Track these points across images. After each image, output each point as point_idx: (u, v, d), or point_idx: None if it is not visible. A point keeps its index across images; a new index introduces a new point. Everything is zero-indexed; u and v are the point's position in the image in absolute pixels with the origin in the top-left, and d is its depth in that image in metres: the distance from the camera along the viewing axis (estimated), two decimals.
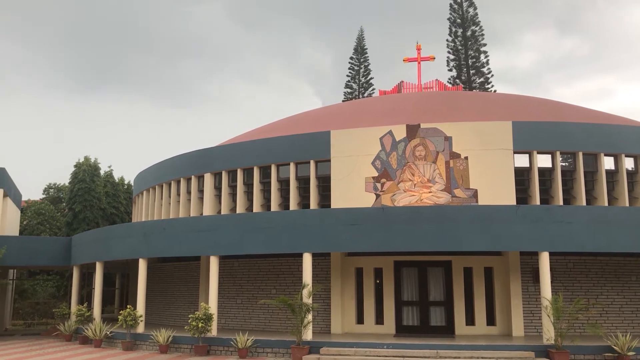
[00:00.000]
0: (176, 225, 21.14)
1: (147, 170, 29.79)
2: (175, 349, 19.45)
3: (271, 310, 21.25)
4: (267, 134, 26.23)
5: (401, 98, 29.03)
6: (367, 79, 55.92)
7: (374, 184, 20.65)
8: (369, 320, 20.25)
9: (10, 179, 29.86)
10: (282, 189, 22.86)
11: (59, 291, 36.89)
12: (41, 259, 27.48)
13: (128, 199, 39.42)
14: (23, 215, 38.19)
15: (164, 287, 25.97)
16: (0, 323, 29.42)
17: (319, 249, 18.34)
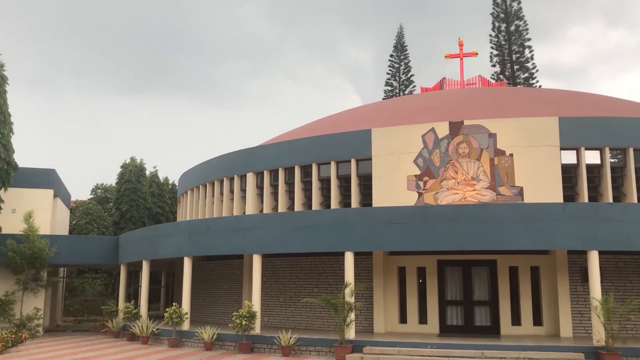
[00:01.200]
0: (220, 224, 21.42)
1: (191, 170, 30.30)
2: (219, 346, 19.71)
3: (313, 309, 21.30)
4: (308, 133, 26.30)
5: (443, 95, 28.68)
6: (408, 76, 55.47)
7: (416, 182, 20.46)
8: (412, 320, 20.07)
9: (60, 180, 30.80)
10: (323, 187, 22.89)
11: (107, 289, 37.88)
12: (90, 257, 28.28)
13: (173, 198, 40.17)
14: (72, 215, 39.35)
15: (208, 285, 26.35)
16: (53, 319, 30.40)
17: (360, 248, 18.28)
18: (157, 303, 35.11)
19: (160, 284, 35.69)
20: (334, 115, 31.54)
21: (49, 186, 28.20)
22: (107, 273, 37.97)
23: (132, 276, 31.25)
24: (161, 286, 35.68)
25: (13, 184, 24.60)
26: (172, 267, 31.43)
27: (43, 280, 25.89)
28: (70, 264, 30.26)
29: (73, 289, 37.32)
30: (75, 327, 30.51)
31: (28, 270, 25.06)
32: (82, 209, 41.47)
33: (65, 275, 34.48)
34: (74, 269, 37.04)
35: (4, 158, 23.20)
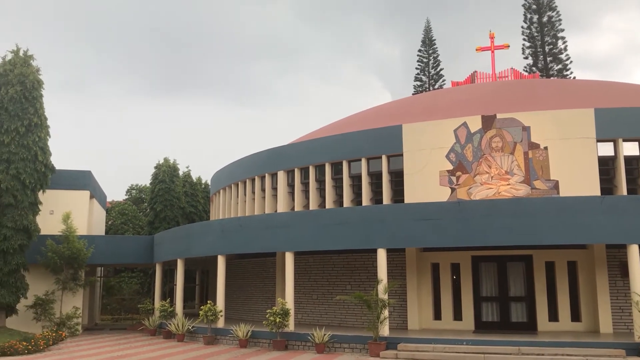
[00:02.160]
0: (252, 222, 21.57)
1: (223, 169, 30.59)
2: (254, 344, 19.84)
3: (347, 306, 21.28)
4: (338, 130, 26.27)
5: (475, 88, 28.30)
6: (437, 70, 54.91)
7: (449, 178, 20.25)
8: (447, 316, 19.89)
9: (96, 181, 31.42)
10: (354, 184, 22.84)
11: (142, 287, 38.54)
12: (126, 256, 28.80)
13: (205, 197, 40.61)
14: (108, 215, 40.13)
15: (242, 283, 26.57)
16: (91, 318, 31.05)
17: (393, 245, 18.18)
18: (192, 301, 35.58)
19: (194, 282, 36.15)
20: (363, 111, 31.43)
21: (86, 187, 28.79)
22: (142, 272, 38.63)
23: (167, 275, 31.72)
24: (196, 284, 36.14)
25: (50, 186, 25.17)
26: (206, 265, 31.80)
27: (81, 280, 26.46)
28: (107, 264, 30.86)
29: (110, 288, 38.07)
30: (112, 325, 31.13)
31: (67, 270, 25.64)
32: (117, 209, 42.26)
33: (103, 274, 35.19)
34: (111, 268, 37.78)
35: (42, 161, 23.76)
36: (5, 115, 22.78)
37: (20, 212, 22.91)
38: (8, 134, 22.68)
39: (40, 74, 24.19)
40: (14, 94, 22.79)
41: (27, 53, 23.94)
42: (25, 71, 23.36)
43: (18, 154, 22.82)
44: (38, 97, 23.83)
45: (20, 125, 22.91)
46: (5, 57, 23.60)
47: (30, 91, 23.40)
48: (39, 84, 23.94)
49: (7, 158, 22.65)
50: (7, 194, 22.42)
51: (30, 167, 23.24)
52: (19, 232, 22.87)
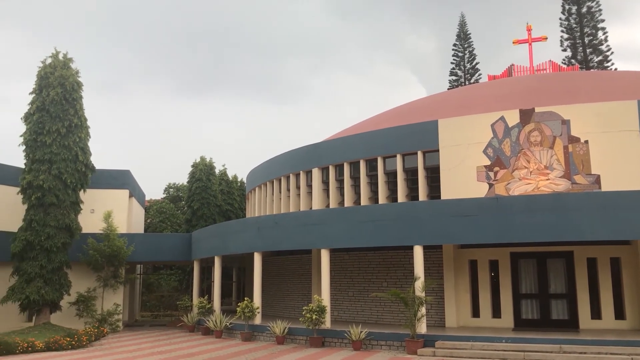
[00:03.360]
0: (287, 219, 21.65)
1: (258, 167, 30.80)
2: (291, 340, 19.93)
3: (383, 303, 21.19)
4: (372, 126, 26.15)
5: (512, 82, 27.79)
6: (473, 64, 54.14)
7: (487, 173, 19.94)
8: (485, 314, 19.60)
9: (135, 180, 32.01)
10: (389, 181, 22.70)
11: (181, 284, 39.13)
12: (165, 254, 29.28)
13: (241, 195, 40.98)
14: (146, 213, 40.87)
15: (278, 280, 26.71)
16: (131, 314, 31.68)
17: (430, 242, 18.01)
18: (229, 298, 35.95)
19: (231, 279, 36.53)
20: (398, 107, 31.21)
21: (125, 186, 29.35)
22: (180, 269, 39.22)
23: (204, 272, 32.11)
24: (232, 281, 36.51)
25: (91, 185, 25.72)
26: (243, 262, 32.09)
27: (121, 277, 27.02)
28: (146, 261, 31.42)
29: (149, 285, 38.79)
30: (152, 321, 31.70)
31: (107, 267, 26.20)
32: (155, 207, 43.00)
33: (142, 272, 35.85)
34: (150, 265, 38.47)
35: (82, 161, 24.30)
36: (47, 116, 23.37)
37: (62, 211, 23.48)
38: (50, 135, 23.26)
39: (80, 76, 24.73)
40: (55, 96, 23.35)
41: (67, 56, 24.49)
42: (65, 73, 23.91)
43: (59, 154, 23.38)
44: (78, 99, 24.37)
45: (62, 126, 23.47)
46: (46, 61, 24.18)
47: (70, 93, 23.94)
48: (78, 85, 24.47)
49: (49, 158, 23.23)
50: (49, 193, 23.00)
51: (72, 167, 23.79)
52: (61, 230, 23.46)
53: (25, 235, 22.82)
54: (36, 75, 23.91)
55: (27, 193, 23.26)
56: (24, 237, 22.81)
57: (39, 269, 22.74)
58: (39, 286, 22.63)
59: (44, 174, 23.03)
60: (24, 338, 19.39)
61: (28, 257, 22.92)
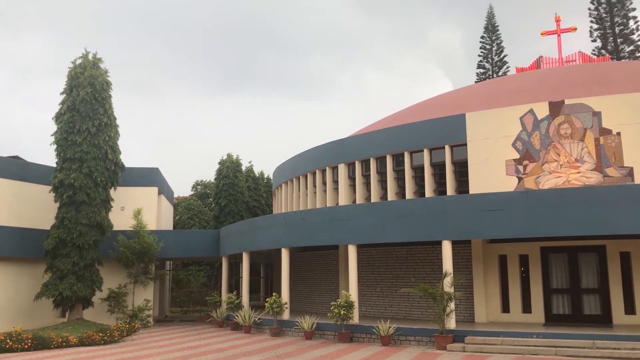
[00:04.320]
0: (314, 215, 21.69)
1: (284, 163, 30.89)
2: (319, 336, 19.99)
3: (411, 299, 21.10)
4: (398, 121, 26.00)
5: (541, 74, 27.33)
6: (501, 57, 53.35)
7: (516, 167, 19.67)
8: (515, 309, 19.37)
9: (163, 178, 32.40)
10: (416, 176, 22.56)
11: (209, 280, 39.53)
12: (193, 250, 29.61)
13: (268, 192, 41.17)
14: (175, 210, 41.35)
15: (306, 276, 26.80)
16: (161, 310, 32.12)
17: (458, 237, 17.86)
18: (257, 293, 36.20)
19: (259, 275, 36.77)
20: (425, 101, 30.97)
21: (154, 184, 29.73)
22: (209, 265, 39.60)
23: (232, 268, 32.38)
24: (260, 277, 36.75)
25: (121, 183, 26.13)
26: (270, 258, 32.26)
27: (152, 273, 27.41)
28: (175, 257, 31.80)
29: (179, 281, 39.28)
30: (182, 317, 32.10)
31: (138, 264, 26.60)
32: (184, 204, 43.48)
33: (172, 268, 36.29)
34: (179, 262, 38.92)
35: (112, 159, 24.69)
36: (77, 116, 23.79)
37: (93, 209, 23.90)
38: (80, 134, 23.68)
39: (109, 75, 25.12)
40: (85, 95, 23.75)
41: (96, 56, 24.89)
42: (95, 73, 24.31)
43: (90, 153, 23.80)
44: (107, 98, 24.76)
45: (91, 125, 23.87)
46: (76, 61, 24.61)
47: (100, 92, 24.33)
48: (107, 85, 24.86)
49: (80, 157, 23.65)
50: (80, 191, 23.43)
51: (102, 166, 24.20)
52: (92, 228, 23.89)
53: (58, 232, 23.30)
54: (67, 76, 24.37)
55: (58, 191, 23.74)
56: (57, 234, 23.29)
57: (72, 265, 23.20)
58: (72, 282, 23.09)
59: (75, 172, 23.46)
60: (58, 333, 19.83)
61: (61, 254, 23.40)
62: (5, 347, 17.93)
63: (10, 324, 22.88)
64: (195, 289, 39.06)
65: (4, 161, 25.49)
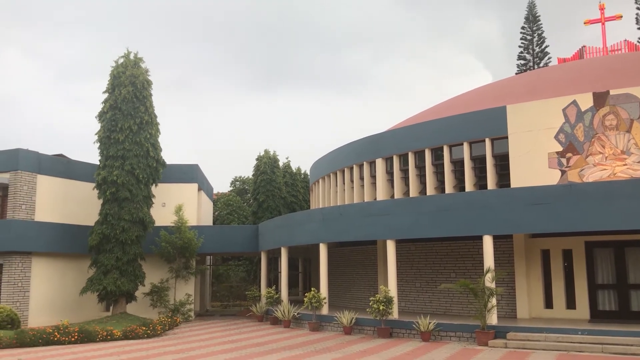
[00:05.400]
0: (352, 210, 21.64)
1: (321, 159, 30.92)
2: (358, 331, 19.96)
3: (452, 294, 20.87)
4: (437, 114, 25.70)
5: (584, 64, 26.61)
6: (542, 48, 52.13)
7: (559, 160, 19.21)
8: (559, 305, 18.95)
9: (203, 174, 32.84)
10: (456, 170, 22.27)
11: (248, 275, 39.93)
12: (233, 245, 29.94)
13: (305, 187, 41.30)
14: (214, 206, 41.87)
15: (344, 271, 26.79)
16: (202, 304, 32.61)
17: (500, 231, 17.57)
18: (295, 288, 36.39)
19: (297, 270, 36.95)
20: (464, 94, 30.52)
21: (194, 180, 30.16)
22: (248, 260, 40.00)
23: (271, 263, 32.62)
24: (299, 272, 36.92)
25: (162, 180, 26.58)
26: (308, 253, 32.38)
27: (192, 268, 27.84)
28: (215, 252, 32.21)
29: (219, 276, 39.79)
30: (222, 311, 32.52)
31: (179, 259, 27.05)
32: (223, 200, 44.01)
33: (212, 263, 36.80)
34: (219, 257, 39.43)
35: (153, 156, 25.14)
36: (119, 114, 24.29)
37: (135, 205, 24.40)
38: (122, 132, 24.18)
39: (149, 74, 25.56)
40: (126, 94, 24.23)
41: (137, 55, 25.34)
42: (136, 72, 24.76)
43: (132, 150, 24.28)
44: (148, 96, 25.21)
45: (133, 123, 24.34)
46: (118, 60, 25.11)
47: (141, 91, 24.79)
48: (148, 83, 25.30)
49: (122, 155, 24.16)
50: (123, 188, 23.94)
51: (143, 163, 24.67)
52: (135, 224, 24.39)
53: (102, 228, 23.87)
54: (109, 75, 24.89)
55: (102, 188, 24.31)
56: (100, 230, 23.86)
57: (115, 261, 23.75)
58: (115, 277, 23.63)
59: (117, 169, 23.97)
60: (103, 327, 20.33)
61: (104, 249, 23.97)
62: (53, 339, 18.50)
63: (57, 318, 23.59)
64: (234, 284, 39.52)
65: (49, 159, 26.24)
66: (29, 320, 23.87)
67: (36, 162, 25.45)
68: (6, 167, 25.01)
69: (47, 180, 25.81)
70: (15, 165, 24.83)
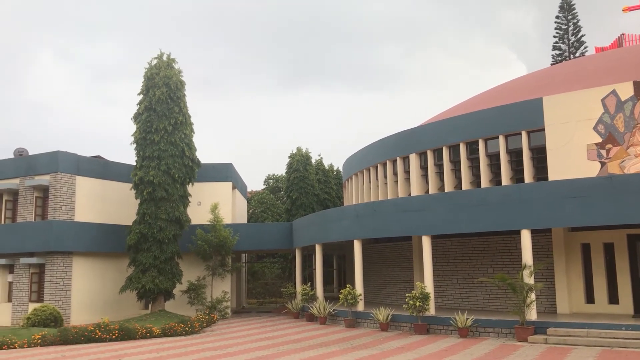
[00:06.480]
0: (386, 206, 21.53)
1: (354, 155, 30.83)
2: (395, 327, 19.87)
3: (489, 290, 20.59)
4: (471, 108, 25.34)
5: (623, 53, 25.86)
6: (578, 37, 50.87)
7: (598, 151, 18.74)
8: (601, 300, 18.50)
9: (237, 173, 33.12)
10: (491, 164, 21.93)
11: (283, 272, 40.14)
12: (267, 243, 30.15)
13: (338, 184, 41.27)
14: (248, 204, 42.18)
15: (378, 267, 26.68)
16: (238, 301, 32.94)
17: (538, 225, 17.23)
18: (330, 285, 36.41)
19: (332, 267, 36.95)
20: (498, 86, 30.03)
21: (228, 179, 30.45)
22: (282, 257, 40.19)
23: (306, 260, 32.70)
24: (333, 269, 36.91)
25: (197, 179, 26.91)
26: (343, 250, 32.35)
27: (228, 266, 28.12)
28: (250, 250, 32.48)
29: (254, 273, 40.09)
30: (258, 308, 32.77)
31: (215, 256, 27.35)
32: (257, 198, 44.31)
33: (247, 260, 37.09)
34: (254, 254, 39.73)
35: (188, 156, 25.46)
36: (154, 115, 24.66)
37: (172, 205, 24.77)
38: (157, 133, 24.55)
39: (182, 75, 25.87)
40: (161, 95, 24.58)
41: (170, 57, 25.68)
42: (169, 73, 25.09)
43: (167, 150, 24.64)
44: (182, 97, 25.53)
45: (168, 124, 24.69)
46: (151, 62, 25.48)
47: (175, 92, 25.11)
48: (181, 84, 25.61)
49: (158, 155, 24.53)
50: (159, 188, 24.31)
51: (179, 162, 25.01)
52: (172, 223, 24.75)
53: (139, 228, 24.29)
54: (143, 77, 25.28)
55: (139, 188, 24.74)
56: (138, 230, 24.29)
57: (153, 259, 24.15)
58: (154, 275, 24.04)
59: (153, 169, 24.35)
60: (142, 324, 20.69)
61: (142, 248, 24.40)
62: (94, 337, 18.91)
63: (98, 316, 24.12)
64: (270, 281, 39.77)
65: (87, 161, 26.82)
66: (71, 318, 24.49)
67: (75, 164, 26.04)
68: (46, 169, 25.68)
69: (86, 182, 26.39)
70: (55, 167, 25.47)
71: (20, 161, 26.88)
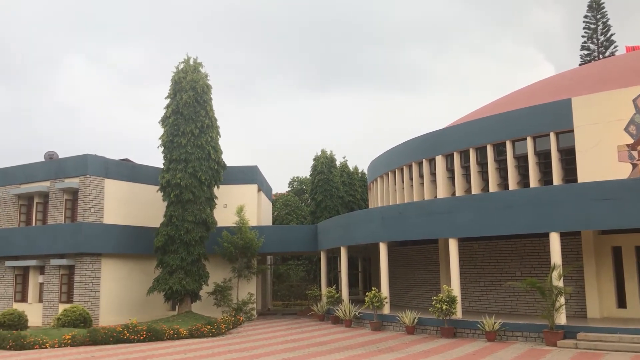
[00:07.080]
0: (411, 208, 21.39)
1: (379, 157, 30.73)
2: (421, 331, 19.72)
3: (517, 293, 20.32)
4: (498, 109, 25.06)
5: None
6: (607, 36, 49.98)
7: (629, 153, 18.37)
8: (633, 304, 18.12)
9: (262, 175, 33.26)
10: (519, 165, 21.66)
11: (308, 275, 40.17)
12: (292, 245, 30.20)
13: (363, 186, 41.17)
14: (273, 207, 42.33)
15: (404, 270, 26.53)
16: (264, 303, 33.05)
17: (567, 228, 16.96)
18: (355, 287, 36.33)
19: (357, 269, 36.86)
20: (526, 87, 29.65)
21: (254, 182, 30.60)
22: (307, 260, 40.24)
23: (331, 262, 32.69)
24: (358, 271, 36.82)
25: (223, 181, 27.08)
26: (368, 252, 32.26)
27: (254, 268, 28.23)
28: (275, 252, 32.56)
29: (279, 275, 40.20)
30: (283, 310, 32.83)
31: (241, 258, 27.49)
32: (281, 200, 44.45)
33: (272, 262, 37.21)
34: (279, 256, 39.84)
35: (215, 159, 25.65)
36: (181, 119, 24.91)
37: (198, 207, 24.97)
38: (184, 136, 24.79)
39: (209, 79, 26.08)
40: (187, 99, 24.82)
41: (197, 61, 25.92)
42: (196, 77, 25.32)
43: (194, 153, 24.86)
44: (208, 100, 25.74)
45: (194, 127, 24.92)
46: (179, 66, 25.75)
47: (201, 95, 25.33)
48: (208, 88, 25.83)
49: (185, 158, 24.76)
50: (186, 190, 24.53)
51: (205, 165, 25.21)
52: (198, 225, 24.95)
53: (167, 230, 24.54)
54: (170, 80, 25.55)
55: (166, 191, 25.00)
56: (166, 232, 24.54)
57: (180, 261, 24.37)
58: (181, 277, 24.25)
59: (180, 172, 24.59)
60: (169, 325, 20.89)
61: (170, 250, 24.64)
62: (123, 338, 19.16)
63: (126, 317, 24.42)
64: (295, 283, 39.84)
65: (115, 164, 27.21)
66: (99, 319, 24.84)
67: (103, 166, 26.44)
68: (76, 172, 26.12)
69: (114, 184, 26.77)
70: (84, 170, 25.89)
71: (50, 164, 27.39)
